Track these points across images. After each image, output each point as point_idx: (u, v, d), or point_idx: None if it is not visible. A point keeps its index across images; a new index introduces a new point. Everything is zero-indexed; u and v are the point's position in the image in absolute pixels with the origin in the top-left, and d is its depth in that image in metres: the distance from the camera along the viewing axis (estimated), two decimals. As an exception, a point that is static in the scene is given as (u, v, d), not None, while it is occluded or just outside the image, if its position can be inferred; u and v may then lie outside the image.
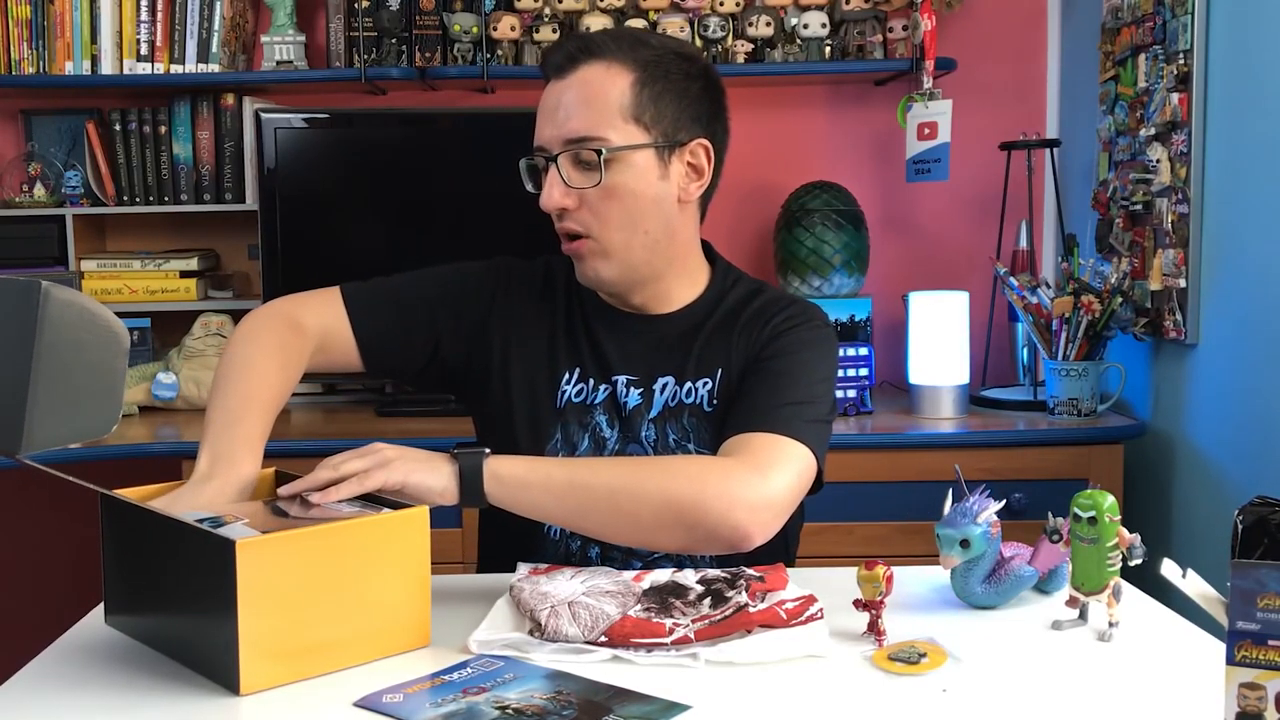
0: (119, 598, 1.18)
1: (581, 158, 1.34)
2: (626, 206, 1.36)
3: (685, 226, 1.42)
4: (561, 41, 1.40)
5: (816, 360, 1.40)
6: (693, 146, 1.39)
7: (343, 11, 2.68)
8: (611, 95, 1.34)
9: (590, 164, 1.34)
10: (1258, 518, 0.86)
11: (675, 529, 1.24)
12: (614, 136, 1.34)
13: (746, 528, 1.23)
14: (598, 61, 1.36)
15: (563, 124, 1.35)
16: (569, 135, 1.34)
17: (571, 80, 1.36)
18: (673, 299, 1.45)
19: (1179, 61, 2.19)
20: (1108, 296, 2.31)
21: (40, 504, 2.83)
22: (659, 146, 1.36)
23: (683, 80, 1.38)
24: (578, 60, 1.36)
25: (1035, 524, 1.28)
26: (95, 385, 1.04)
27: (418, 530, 1.12)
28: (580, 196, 1.35)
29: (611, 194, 1.35)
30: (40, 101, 2.80)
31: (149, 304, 2.66)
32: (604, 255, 1.38)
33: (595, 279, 1.40)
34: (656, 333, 1.44)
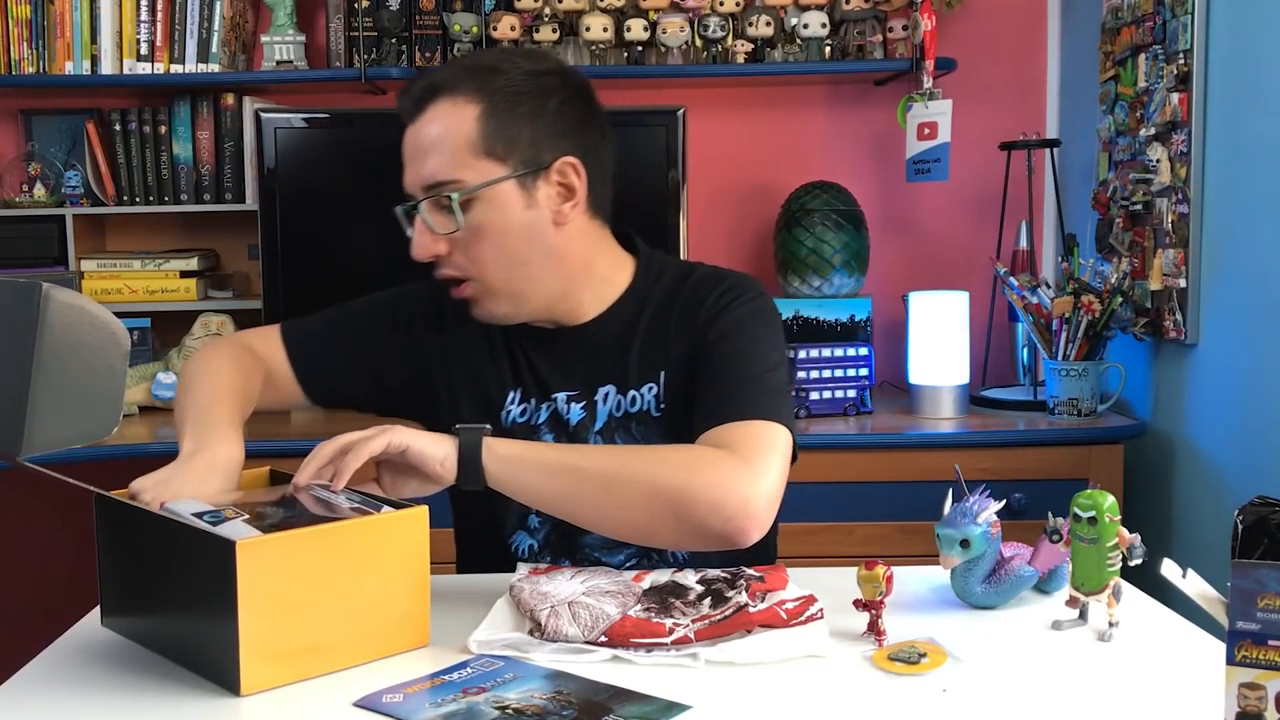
0: (115, 599, 1.17)
1: (440, 203, 1.31)
2: (498, 244, 1.32)
3: (574, 243, 1.36)
4: (410, 83, 1.36)
5: (762, 331, 1.36)
6: (559, 166, 1.33)
7: (343, 11, 2.68)
8: (459, 133, 1.30)
9: (450, 208, 1.30)
10: (1258, 518, 0.86)
11: (666, 519, 1.22)
12: (468, 176, 1.30)
13: (740, 522, 1.21)
14: (443, 99, 1.31)
15: (418, 170, 1.32)
16: (425, 181, 1.31)
17: (421, 123, 1.32)
18: (591, 307, 1.40)
19: (1179, 61, 2.19)
20: (1108, 296, 2.32)
21: (39, 504, 2.83)
22: (519, 175, 1.31)
23: (536, 100, 1.32)
24: (424, 102, 1.32)
25: (1035, 524, 1.28)
26: (96, 387, 1.04)
27: (417, 530, 1.12)
28: (451, 240, 1.32)
29: (479, 234, 1.31)
30: (40, 101, 2.80)
31: (149, 304, 2.66)
32: (491, 294, 1.35)
33: (490, 319, 1.37)
34: (588, 341, 1.40)
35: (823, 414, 2.42)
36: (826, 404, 2.42)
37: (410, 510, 1.12)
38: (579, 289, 1.39)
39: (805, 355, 2.41)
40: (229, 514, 1.10)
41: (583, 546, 1.39)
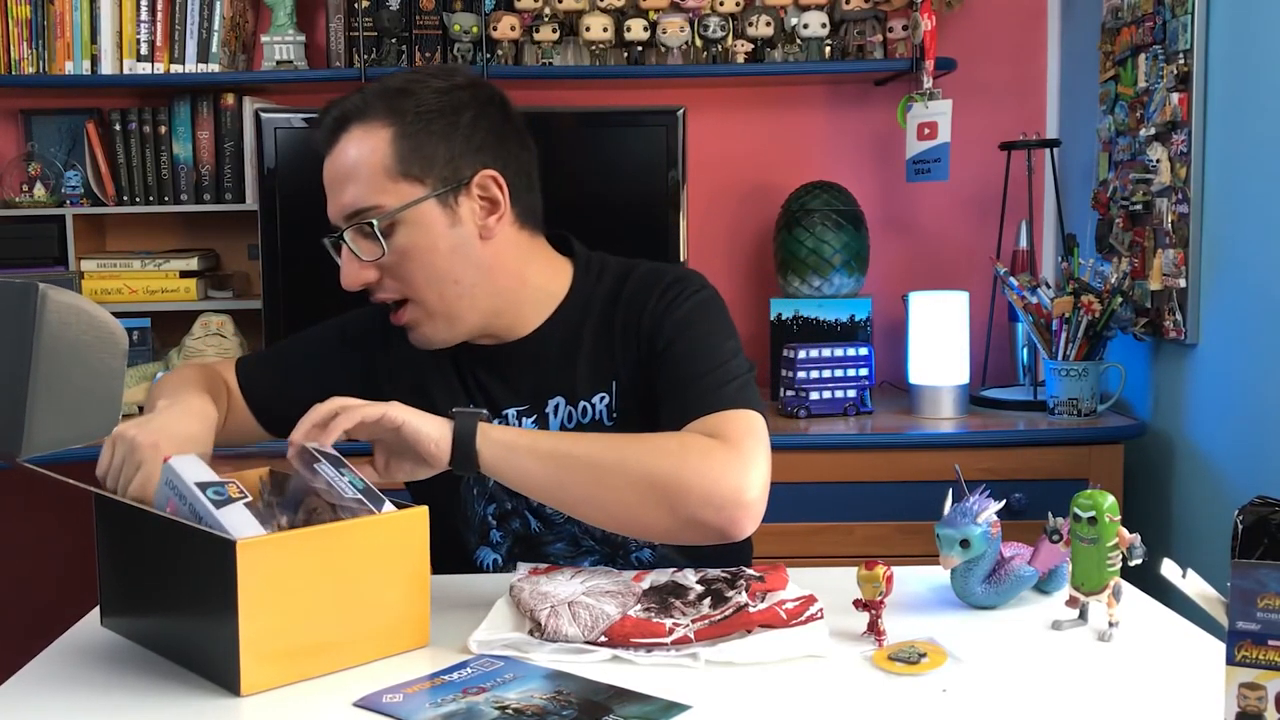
0: (114, 599, 1.18)
1: (364, 230, 1.30)
2: (425, 264, 1.31)
3: (504, 256, 1.35)
4: (322, 113, 1.36)
5: (712, 324, 1.35)
6: (479, 180, 1.32)
7: (343, 11, 2.68)
8: (374, 159, 1.29)
9: (373, 234, 1.29)
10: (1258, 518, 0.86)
11: (659, 509, 1.20)
12: (387, 200, 1.29)
13: (731, 511, 1.19)
14: (355, 126, 1.31)
15: (339, 199, 1.31)
16: (346, 210, 1.31)
17: (336, 152, 1.32)
18: (530, 318, 1.39)
19: (1179, 61, 2.19)
20: (1108, 296, 2.32)
21: (38, 504, 2.83)
22: (440, 194, 1.30)
23: (448, 117, 1.31)
24: (337, 131, 1.32)
25: (1035, 524, 1.28)
26: (95, 387, 1.04)
27: (417, 530, 1.12)
28: (379, 266, 1.31)
29: (406, 257, 1.30)
30: (40, 101, 2.80)
31: (149, 304, 2.66)
32: (428, 317, 1.34)
33: (429, 344, 1.36)
34: (533, 354, 1.39)
35: (823, 414, 2.42)
36: (826, 404, 2.42)
37: (410, 510, 1.12)
38: (516, 302, 1.38)
39: (805, 355, 2.41)
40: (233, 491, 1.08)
41: (547, 556, 1.40)
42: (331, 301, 2.69)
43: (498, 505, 1.41)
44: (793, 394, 2.42)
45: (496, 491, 1.40)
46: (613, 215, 2.49)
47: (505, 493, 1.38)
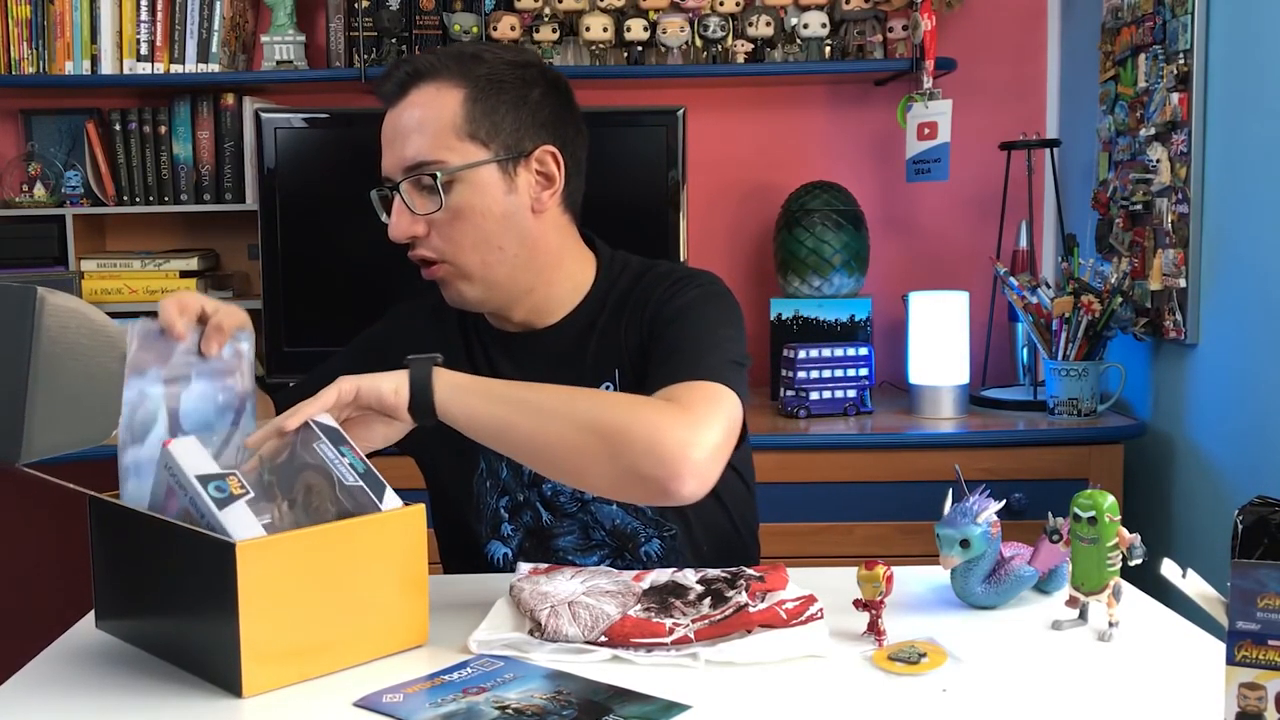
0: (110, 601, 1.17)
1: (422, 183, 1.31)
2: (476, 226, 1.32)
3: (548, 234, 1.38)
4: (391, 67, 1.37)
5: (712, 311, 1.36)
6: (539, 154, 1.35)
7: (343, 11, 2.68)
8: (444, 115, 1.31)
9: (431, 188, 1.31)
10: (1258, 518, 0.86)
11: (599, 457, 1.17)
12: (451, 157, 1.31)
13: (676, 468, 1.15)
14: (427, 84, 1.32)
15: (399, 151, 1.32)
16: (407, 162, 1.31)
17: (403, 106, 1.33)
18: (556, 307, 1.41)
19: (1179, 61, 2.19)
20: (1108, 296, 2.32)
21: (35, 506, 2.83)
22: (501, 160, 1.33)
23: (519, 89, 1.34)
24: (407, 85, 1.33)
25: (1035, 524, 1.28)
26: (94, 390, 1.03)
27: (414, 527, 1.12)
28: (429, 222, 1.32)
29: (459, 216, 1.32)
30: (40, 101, 2.80)
31: (149, 304, 2.65)
32: (464, 278, 1.35)
33: (461, 301, 1.38)
34: (552, 345, 1.41)
35: (823, 414, 2.42)
36: (826, 404, 2.42)
37: (409, 508, 1.12)
38: (548, 283, 1.40)
39: (805, 355, 2.41)
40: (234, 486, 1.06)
41: (556, 550, 1.40)
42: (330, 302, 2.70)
43: (510, 498, 1.41)
44: (793, 394, 2.42)
45: (509, 484, 1.41)
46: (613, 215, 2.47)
47: (517, 485, 1.39)
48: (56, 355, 0.99)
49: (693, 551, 1.41)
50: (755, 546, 1.53)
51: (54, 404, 0.99)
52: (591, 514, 1.39)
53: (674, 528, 1.40)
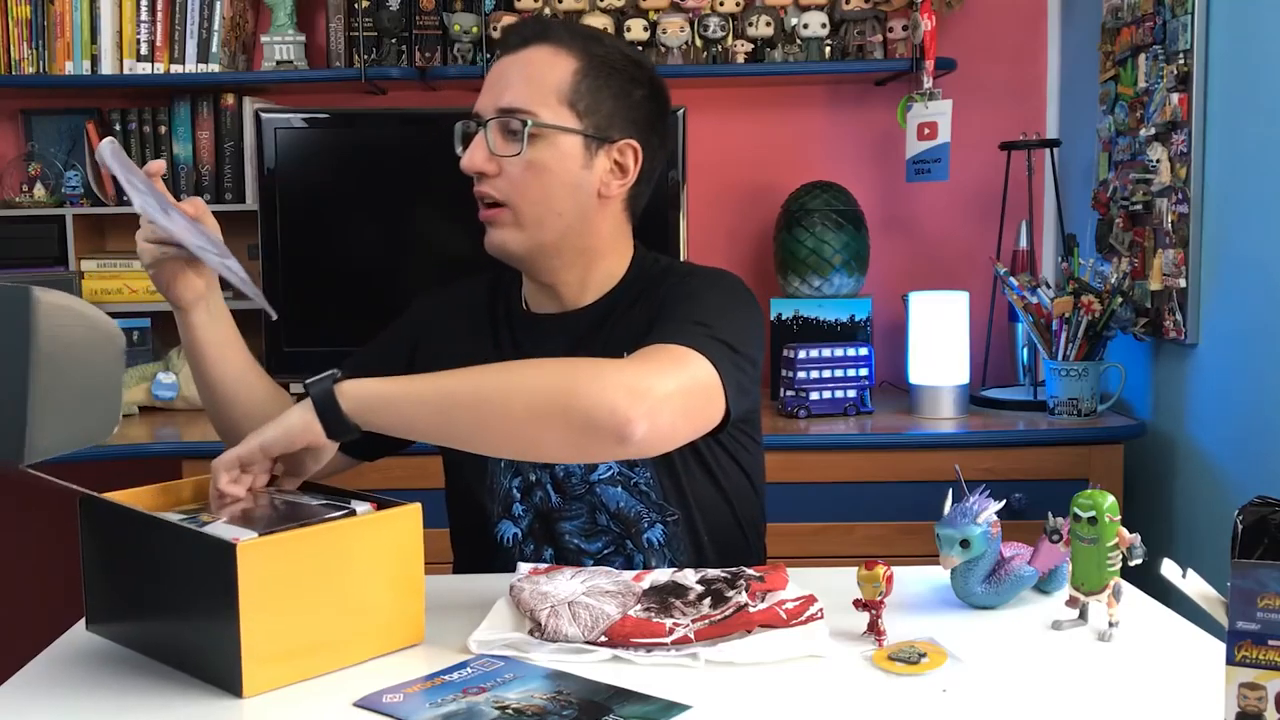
0: (102, 603, 1.16)
1: (510, 127, 1.36)
2: (543, 182, 1.37)
3: (605, 222, 1.42)
4: (520, 23, 1.45)
5: (717, 297, 1.38)
6: (621, 145, 1.40)
7: (343, 11, 2.68)
8: (551, 76, 1.37)
9: (516, 134, 1.36)
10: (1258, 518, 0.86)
11: (551, 420, 1.16)
12: (544, 114, 1.36)
13: (625, 411, 1.14)
14: (547, 45, 1.38)
15: (499, 94, 1.38)
16: (503, 105, 1.37)
17: (518, 57, 1.39)
18: (587, 293, 1.45)
19: (1179, 61, 2.19)
20: (1108, 296, 2.32)
21: (35, 506, 2.83)
22: (588, 136, 1.38)
23: (626, 81, 1.40)
24: (529, 40, 1.39)
25: (1035, 524, 1.28)
26: (93, 389, 1.03)
27: (412, 527, 1.12)
28: (501, 164, 1.37)
29: (530, 167, 1.36)
30: (40, 101, 2.80)
31: (149, 304, 2.66)
32: (516, 225, 1.39)
33: (502, 248, 1.40)
34: (574, 328, 1.44)
35: (823, 414, 2.41)
36: (826, 404, 2.42)
37: (405, 507, 1.12)
38: (586, 268, 1.44)
39: (805, 355, 2.41)
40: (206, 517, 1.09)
41: (561, 534, 1.41)
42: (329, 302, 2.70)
43: (523, 478, 1.43)
44: (793, 394, 2.42)
45: (522, 465, 1.42)
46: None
47: (530, 464, 1.42)
48: (54, 355, 0.98)
49: (693, 544, 1.42)
50: (760, 548, 1.53)
51: (54, 403, 0.99)
52: (597, 495, 1.41)
53: (676, 513, 1.41)
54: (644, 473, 1.40)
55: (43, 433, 0.99)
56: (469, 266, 1.57)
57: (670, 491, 1.40)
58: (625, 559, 1.41)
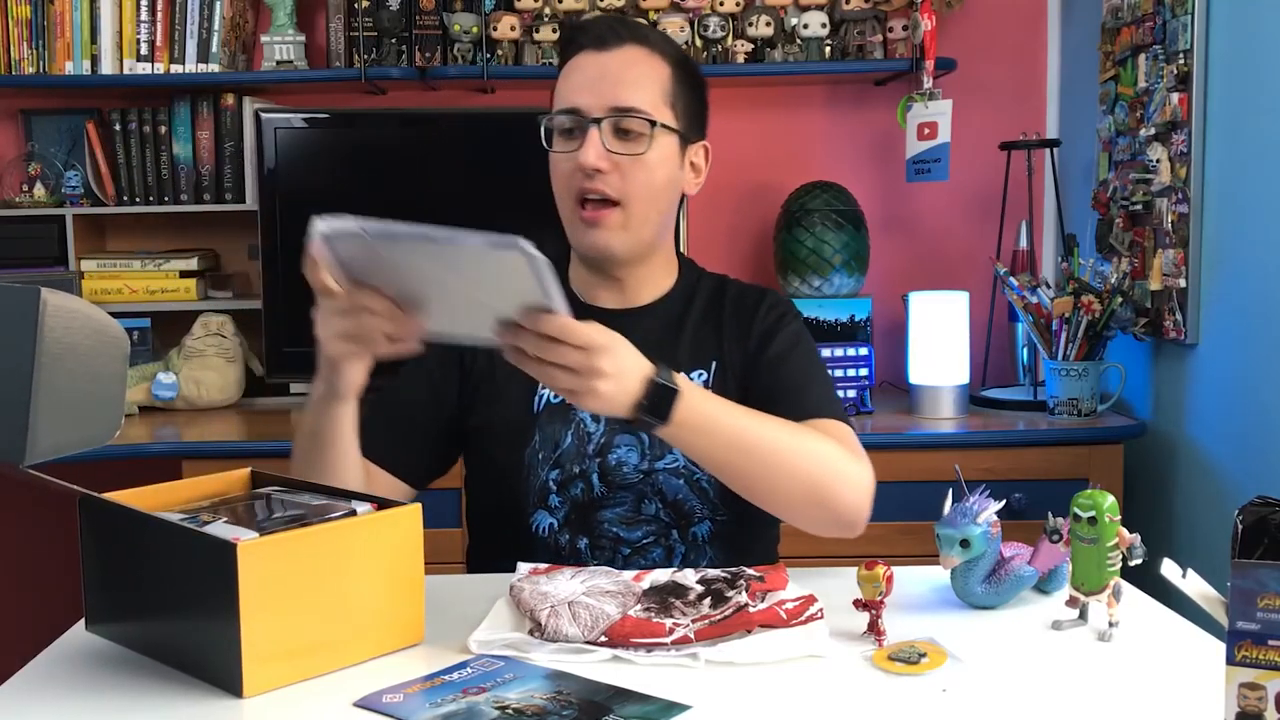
0: (101, 603, 1.16)
1: (625, 126, 1.38)
2: (654, 182, 1.41)
3: (675, 218, 1.50)
4: (597, 19, 1.48)
5: (814, 347, 1.50)
6: (698, 146, 1.47)
7: (343, 11, 2.68)
8: (658, 79, 1.41)
9: (631, 134, 1.39)
10: (1258, 518, 0.86)
11: (815, 498, 1.30)
12: (659, 114, 1.40)
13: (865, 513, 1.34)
14: (641, 46, 1.42)
15: (609, 91, 1.39)
16: (619, 103, 1.38)
17: (616, 55, 1.41)
18: (646, 290, 1.49)
19: (1179, 61, 2.19)
20: (1108, 296, 2.31)
21: (35, 506, 2.83)
22: (682, 136, 1.43)
23: (700, 86, 1.47)
24: (623, 38, 1.42)
25: (1035, 524, 1.28)
26: (97, 391, 1.03)
27: (411, 526, 1.12)
28: (615, 163, 1.38)
29: (646, 166, 1.40)
30: (40, 101, 2.80)
31: (149, 304, 2.66)
32: (623, 226, 1.41)
33: (606, 248, 1.42)
34: (643, 328, 1.43)
35: (823, 414, 2.41)
36: (826, 404, 2.42)
37: (405, 507, 1.13)
38: (654, 264, 1.49)
39: (805, 355, 2.40)
40: (206, 517, 1.10)
41: (600, 523, 1.42)
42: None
43: (562, 470, 1.43)
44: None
45: (568, 455, 1.42)
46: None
47: (578, 456, 1.42)
48: (59, 356, 0.98)
49: (736, 545, 1.44)
50: (775, 552, 1.56)
51: (57, 405, 0.99)
52: (654, 484, 1.42)
53: (727, 513, 1.43)
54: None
55: (45, 434, 0.99)
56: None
57: (727, 493, 1.40)
58: (665, 551, 1.41)
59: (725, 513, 1.43)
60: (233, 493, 1.25)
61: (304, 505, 1.16)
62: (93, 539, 1.15)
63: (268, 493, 1.22)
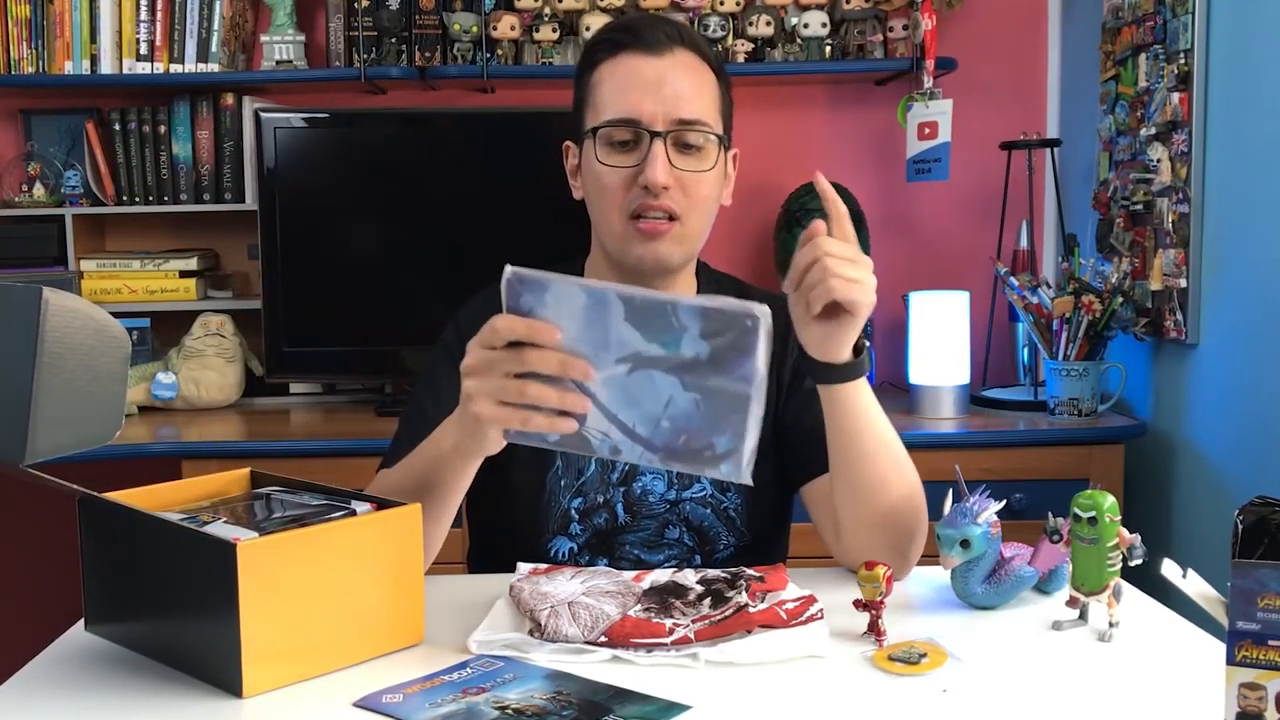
0: (101, 603, 1.16)
1: (688, 140, 1.34)
2: (709, 195, 1.37)
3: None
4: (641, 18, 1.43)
5: None
6: (730, 154, 1.43)
7: (342, 11, 2.68)
8: (709, 87, 1.37)
9: (693, 149, 1.34)
10: (1258, 518, 0.85)
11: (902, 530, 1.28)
12: (716, 126, 1.37)
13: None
14: (691, 52, 1.36)
15: (672, 102, 1.33)
16: (684, 115, 1.33)
17: (671, 61, 1.34)
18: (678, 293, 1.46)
19: (1179, 61, 2.19)
20: (1108, 296, 2.31)
21: (37, 506, 2.83)
22: (725, 144, 1.39)
23: (730, 94, 1.43)
24: (675, 42, 1.35)
25: (1035, 524, 1.28)
26: (98, 391, 1.03)
27: (411, 526, 1.12)
28: (678, 178, 1.34)
29: (705, 181, 1.36)
30: (40, 101, 2.80)
31: (148, 304, 2.66)
32: (681, 240, 1.36)
33: (668, 261, 1.36)
34: None
35: (823, 414, 2.41)
36: (826, 404, 2.42)
37: (405, 507, 1.12)
38: (691, 267, 1.45)
39: (805, 355, 2.40)
40: (205, 517, 1.10)
41: (622, 545, 1.40)
42: (331, 301, 2.69)
43: (585, 499, 1.40)
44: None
45: (590, 483, 1.40)
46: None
47: (602, 485, 1.40)
48: (60, 356, 0.98)
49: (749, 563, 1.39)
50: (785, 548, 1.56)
51: (58, 405, 0.99)
52: (680, 513, 1.40)
53: (749, 537, 1.42)
54: (734, 498, 1.41)
55: (45, 433, 0.99)
56: (469, 266, 1.57)
57: (752, 518, 1.41)
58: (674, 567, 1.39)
59: (748, 537, 1.42)
60: (232, 493, 1.25)
61: (304, 505, 1.16)
62: (93, 539, 1.15)
63: (267, 493, 1.22)
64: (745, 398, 0.99)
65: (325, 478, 1.26)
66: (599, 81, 1.36)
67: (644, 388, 1.01)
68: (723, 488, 1.41)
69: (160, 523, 1.08)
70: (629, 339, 1.00)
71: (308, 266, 2.57)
